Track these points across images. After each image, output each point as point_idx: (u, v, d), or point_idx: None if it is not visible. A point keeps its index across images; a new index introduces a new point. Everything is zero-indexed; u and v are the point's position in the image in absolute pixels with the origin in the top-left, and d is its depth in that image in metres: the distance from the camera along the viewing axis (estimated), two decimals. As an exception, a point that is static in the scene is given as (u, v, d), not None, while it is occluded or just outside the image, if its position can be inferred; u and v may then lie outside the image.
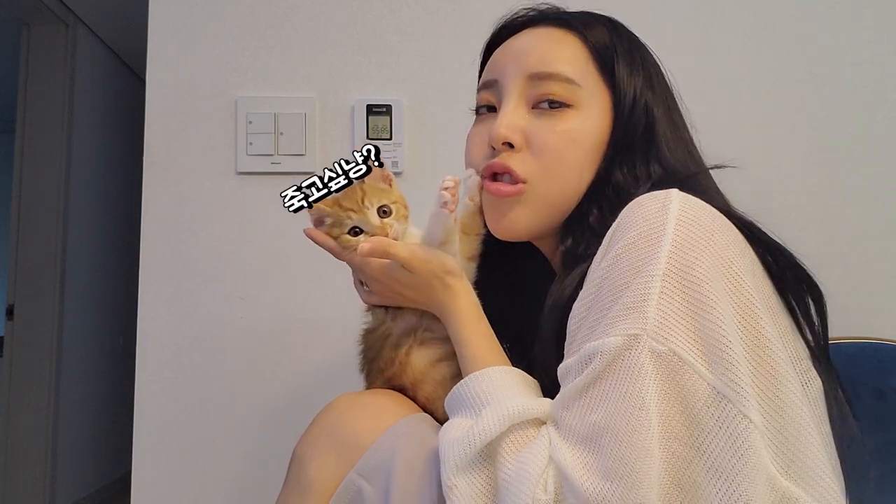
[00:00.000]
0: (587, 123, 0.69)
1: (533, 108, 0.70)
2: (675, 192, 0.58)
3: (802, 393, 0.56)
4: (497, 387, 0.62)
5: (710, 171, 0.74)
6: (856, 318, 1.26)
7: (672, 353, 0.51)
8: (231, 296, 1.30)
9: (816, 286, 0.63)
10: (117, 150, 3.36)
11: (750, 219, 0.63)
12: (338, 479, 0.67)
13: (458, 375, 0.68)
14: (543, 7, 0.78)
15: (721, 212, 0.59)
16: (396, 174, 1.32)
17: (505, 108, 0.71)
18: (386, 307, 0.78)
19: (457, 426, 0.60)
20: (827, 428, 0.59)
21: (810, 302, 0.63)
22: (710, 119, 1.37)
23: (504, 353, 0.69)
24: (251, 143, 1.30)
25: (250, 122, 1.30)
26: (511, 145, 0.70)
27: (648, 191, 0.63)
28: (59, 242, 2.81)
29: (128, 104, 3.40)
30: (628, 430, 0.49)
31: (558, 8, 0.78)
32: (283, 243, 1.31)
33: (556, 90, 0.69)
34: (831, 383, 0.61)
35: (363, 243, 0.70)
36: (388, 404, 0.72)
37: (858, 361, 0.96)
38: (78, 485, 3.03)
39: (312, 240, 0.76)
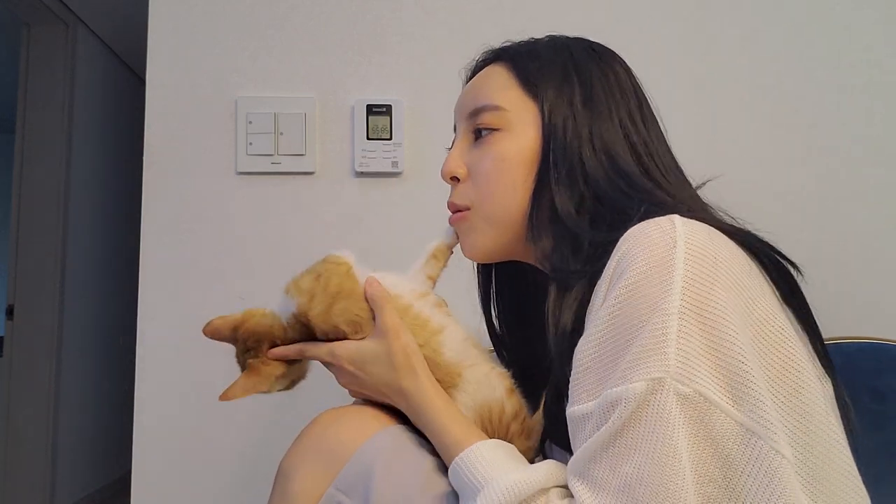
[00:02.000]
0: (515, 142, 0.72)
1: (475, 141, 0.76)
2: (677, 218, 0.56)
3: (829, 410, 0.56)
4: (488, 464, 0.61)
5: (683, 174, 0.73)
6: (855, 318, 1.27)
7: (698, 394, 0.50)
8: (231, 296, 1.30)
9: (791, 275, 0.62)
10: (117, 150, 3.36)
11: (737, 224, 0.63)
12: (322, 490, 0.67)
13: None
14: (490, 49, 0.81)
15: (714, 226, 0.58)
16: (396, 174, 1.32)
17: (452, 148, 0.79)
18: None
19: None
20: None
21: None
22: (709, 119, 1.38)
23: (476, 428, 0.68)
24: (251, 143, 1.30)
25: (250, 122, 1.30)
26: (457, 179, 0.77)
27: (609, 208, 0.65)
28: (59, 242, 2.81)
29: (128, 104, 3.40)
30: (662, 479, 0.48)
31: (505, 45, 0.80)
32: (283, 243, 1.31)
33: (485, 119, 0.74)
34: (837, 385, 0.61)
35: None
36: (369, 417, 0.72)
37: (857, 361, 0.96)
38: (78, 485, 3.03)
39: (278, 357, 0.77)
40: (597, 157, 0.69)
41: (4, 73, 3.81)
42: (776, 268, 0.61)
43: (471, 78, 0.82)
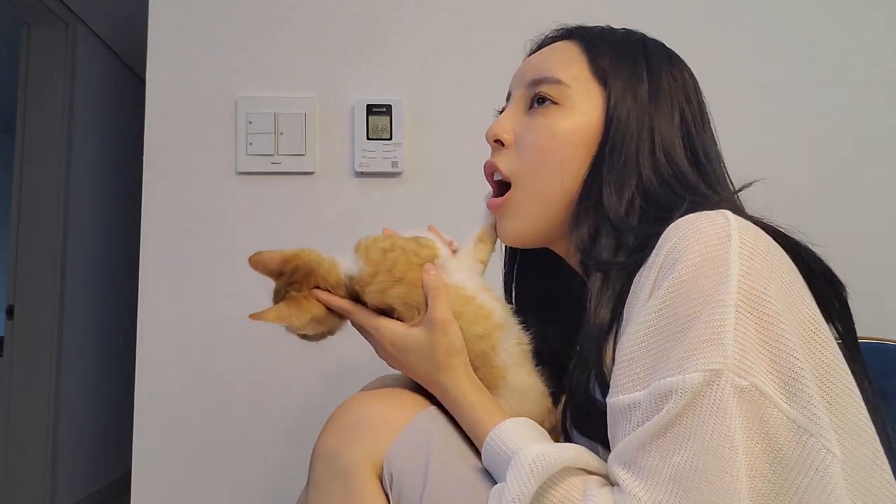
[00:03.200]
0: (571, 120, 0.71)
1: (529, 109, 0.74)
2: (730, 214, 0.56)
3: (867, 412, 0.56)
4: (517, 436, 0.61)
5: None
6: (857, 318, 1.26)
7: (754, 387, 0.49)
8: (231, 296, 1.30)
9: (842, 287, 0.63)
10: (117, 150, 3.36)
11: (784, 229, 0.63)
12: (375, 458, 0.66)
13: None
14: (563, 26, 0.80)
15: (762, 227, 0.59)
16: (396, 174, 1.32)
17: (504, 112, 0.77)
18: None
19: (496, 494, 0.59)
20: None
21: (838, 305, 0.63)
22: (710, 119, 1.37)
23: (504, 411, 0.69)
24: (251, 143, 1.30)
25: (250, 122, 1.30)
26: (501, 143, 0.75)
27: (645, 207, 0.65)
28: (59, 242, 2.80)
29: (128, 104, 3.40)
30: (717, 470, 0.48)
31: (580, 25, 0.79)
32: (283, 243, 1.31)
33: (545, 90, 0.72)
34: (870, 389, 0.61)
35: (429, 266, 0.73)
36: (407, 398, 0.72)
37: (859, 362, 0.95)
38: (78, 485, 3.03)
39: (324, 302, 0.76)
40: (654, 155, 0.68)
41: (4, 73, 3.81)
42: (825, 276, 0.61)
43: (535, 51, 0.81)
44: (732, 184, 0.73)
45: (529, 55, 0.81)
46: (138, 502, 1.25)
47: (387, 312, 0.74)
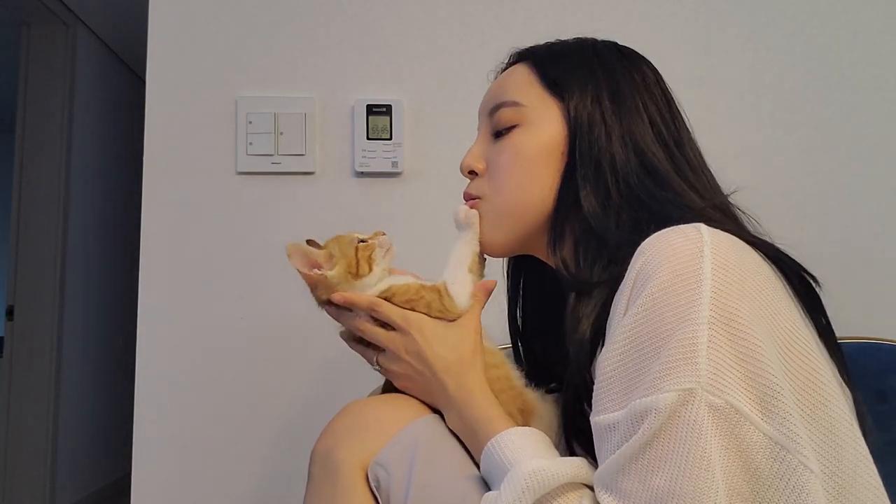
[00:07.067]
0: (534, 137, 0.72)
1: (494, 138, 0.77)
2: (703, 227, 0.56)
3: (854, 423, 0.55)
4: (518, 448, 0.61)
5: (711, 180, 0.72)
6: (856, 318, 1.27)
7: (729, 405, 0.49)
8: (231, 296, 1.30)
9: (819, 298, 0.62)
10: (117, 150, 3.36)
11: (766, 239, 0.63)
12: (365, 459, 0.66)
13: None
14: (515, 51, 0.82)
15: (738, 237, 0.58)
16: (396, 174, 1.32)
17: (474, 143, 0.79)
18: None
19: (488, 501, 0.58)
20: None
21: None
22: (710, 119, 1.37)
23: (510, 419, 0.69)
24: (251, 143, 1.30)
25: (250, 122, 1.30)
26: (475, 173, 0.77)
27: (627, 217, 0.65)
28: (59, 242, 2.81)
29: (128, 104, 3.40)
30: (695, 492, 0.48)
31: (530, 47, 0.80)
32: (283, 243, 1.31)
33: (504, 116, 0.74)
34: (857, 399, 0.61)
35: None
36: (405, 404, 0.73)
37: (859, 362, 0.95)
38: (78, 485, 3.03)
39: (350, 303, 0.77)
40: (626, 154, 0.68)
41: (4, 73, 3.81)
42: (800, 281, 0.61)
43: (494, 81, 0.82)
44: (713, 178, 0.72)
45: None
46: (138, 502, 1.25)
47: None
